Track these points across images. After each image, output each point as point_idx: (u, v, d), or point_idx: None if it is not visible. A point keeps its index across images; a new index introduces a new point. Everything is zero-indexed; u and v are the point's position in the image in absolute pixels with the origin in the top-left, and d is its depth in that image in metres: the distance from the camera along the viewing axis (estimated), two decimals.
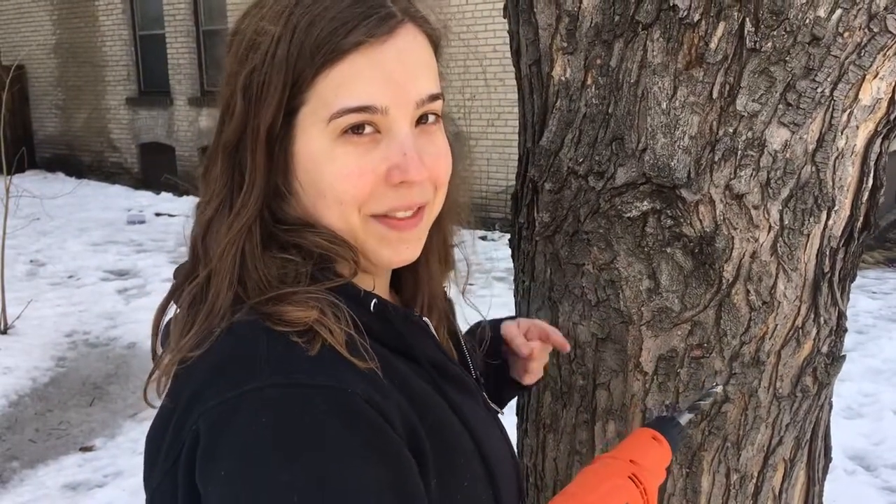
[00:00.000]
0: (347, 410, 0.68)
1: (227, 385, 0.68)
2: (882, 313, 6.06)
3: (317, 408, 0.66)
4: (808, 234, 1.18)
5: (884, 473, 3.81)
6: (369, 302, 0.79)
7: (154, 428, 0.75)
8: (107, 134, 13.12)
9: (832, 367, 1.26)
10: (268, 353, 0.70)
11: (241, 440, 0.65)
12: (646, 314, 1.23)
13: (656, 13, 1.14)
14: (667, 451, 0.97)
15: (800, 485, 1.35)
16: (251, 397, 0.67)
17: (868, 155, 1.20)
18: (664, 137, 1.16)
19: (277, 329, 0.72)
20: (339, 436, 0.66)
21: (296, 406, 0.66)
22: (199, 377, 0.71)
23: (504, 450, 0.92)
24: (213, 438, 0.66)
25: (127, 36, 12.56)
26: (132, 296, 6.57)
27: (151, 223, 9.74)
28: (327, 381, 0.69)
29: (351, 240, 0.81)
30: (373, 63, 0.76)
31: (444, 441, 0.77)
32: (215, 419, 0.67)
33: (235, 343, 0.72)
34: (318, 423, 0.66)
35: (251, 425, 0.65)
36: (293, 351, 0.71)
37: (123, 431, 4.31)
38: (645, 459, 0.92)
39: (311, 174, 0.78)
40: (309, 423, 0.65)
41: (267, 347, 0.71)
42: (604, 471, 0.89)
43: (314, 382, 0.68)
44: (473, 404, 0.89)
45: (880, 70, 1.14)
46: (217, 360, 0.72)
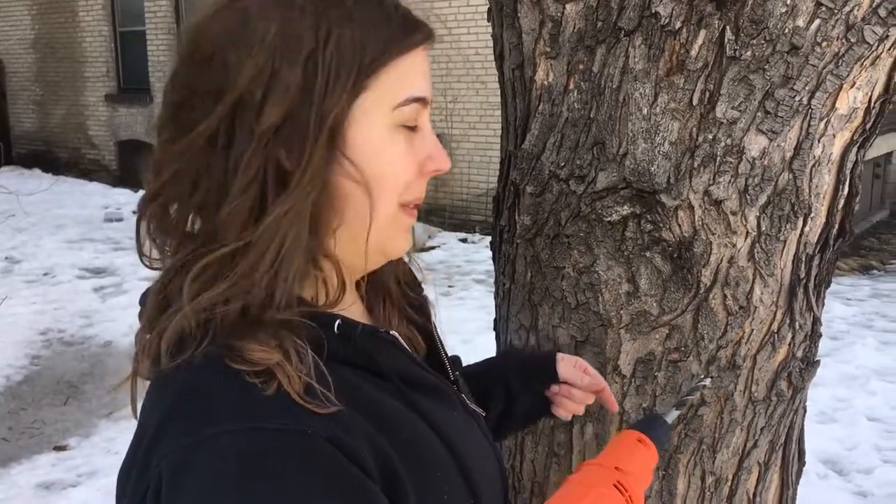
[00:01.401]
0: (308, 453, 0.66)
1: (185, 428, 0.67)
2: (856, 320, 6.14)
3: (276, 452, 0.65)
4: (784, 241, 1.19)
5: (856, 478, 3.86)
6: (333, 323, 0.78)
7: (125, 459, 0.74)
8: (85, 130, 13.01)
9: (807, 371, 1.28)
10: (225, 394, 0.69)
11: (200, 487, 0.64)
12: (624, 317, 1.24)
13: (638, 20, 1.16)
14: (653, 454, 0.96)
15: (774, 488, 1.36)
16: (209, 443, 0.66)
17: (844, 163, 1.22)
18: (645, 143, 1.18)
19: (234, 367, 0.70)
20: (299, 480, 0.65)
21: (255, 451, 0.65)
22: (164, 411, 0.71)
23: (485, 453, 0.91)
24: (174, 483, 0.66)
25: (107, 32, 12.46)
26: (108, 294, 6.51)
27: (129, 221, 9.66)
28: (287, 423, 0.67)
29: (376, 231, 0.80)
30: (424, 61, 0.82)
31: (418, 458, 0.77)
32: (175, 464, 0.66)
33: (195, 381, 0.71)
34: (278, 469, 0.64)
35: (210, 472, 0.64)
36: (251, 392, 0.69)
37: (98, 431, 4.28)
38: (630, 465, 0.91)
39: (369, 159, 0.78)
40: (269, 468, 0.64)
41: (225, 388, 0.69)
42: (588, 479, 0.88)
43: (273, 426, 0.67)
44: (449, 411, 0.88)
45: (857, 80, 1.16)
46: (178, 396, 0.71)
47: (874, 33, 1.12)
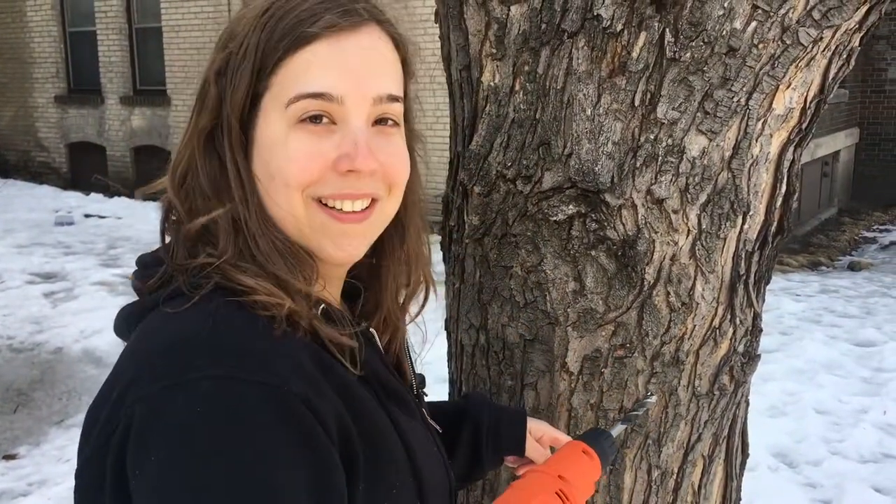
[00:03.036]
0: (280, 408, 0.69)
1: (165, 372, 0.69)
2: (805, 315, 6.28)
3: (249, 404, 0.67)
4: (724, 238, 1.22)
5: (805, 470, 3.95)
6: (318, 307, 0.81)
7: (97, 397, 0.76)
8: (34, 133, 12.73)
9: (748, 365, 1.31)
10: (219, 339, 0.71)
11: (171, 431, 0.66)
12: (571, 315, 1.26)
13: (581, 22, 1.18)
14: (596, 465, 0.98)
15: (718, 480, 1.39)
16: (188, 387, 0.67)
17: (781, 162, 1.26)
18: (589, 143, 1.20)
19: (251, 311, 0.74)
20: (267, 434, 0.67)
21: (229, 400, 0.67)
22: (145, 355, 0.73)
23: (439, 468, 0.93)
24: (146, 426, 0.67)
25: (56, 32, 12.21)
26: (59, 299, 6.38)
27: (80, 224, 9.49)
28: (265, 377, 0.69)
29: (295, 231, 0.82)
30: (333, 52, 0.80)
31: (376, 448, 0.78)
32: (150, 406, 0.68)
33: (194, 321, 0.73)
34: (250, 419, 0.67)
35: (183, 417, 0.66)
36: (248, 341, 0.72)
37: (49, 439, 4.19)
38: (574, 474, 0.93)
39: (266, 158, 0.81)
40: (241, 417, 0.67)
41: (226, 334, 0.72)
42: (531, 486, 0.90)
43: (251, 378, 0.69)
44: (410, 419, 0.90)
45: (793, 81, 1.20)
46: (165, 340, 0.73)
47: (808, 35, 1.15)
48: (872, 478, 3.85)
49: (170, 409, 0.67)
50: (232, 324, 0.73)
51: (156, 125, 11.41)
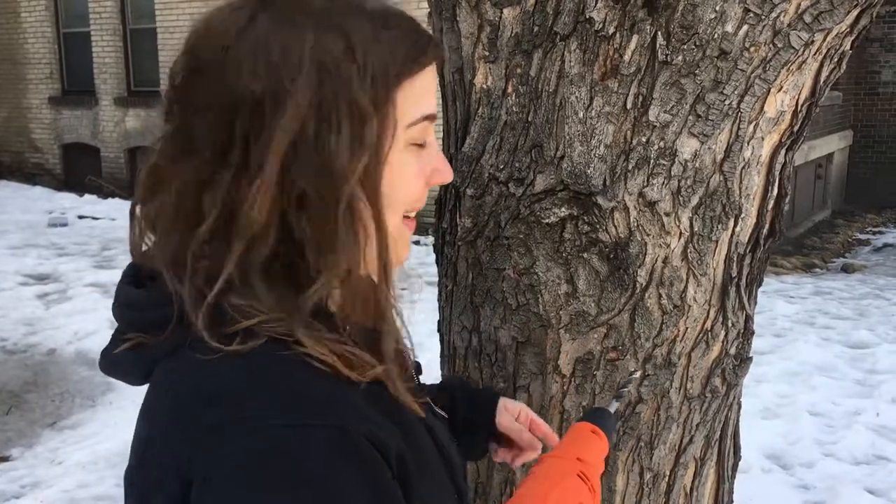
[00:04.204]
0: (347, 449, 0.68)
1: (225, 420, 0.67)
2: (799, 317, 6.29)
3: (315, 447, 0.67)
4: (716, 241, 1.23)
5: (799, 472, 3.95)
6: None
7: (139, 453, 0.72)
8: (28, 134, 12.69)
9: (740, 368, 1.31)
10: (277, 385, 0.69)
11: (236, 481, 0.65)
12: (564, 318, 1.26)
13: (573, 25, 1.18)
14: (605, 443, 1.00)
15: (710, 482, 1.40)
16: (251, 435, 0.66)
17: (773, 165, 1.26)
18: (581, 146, 1.20)
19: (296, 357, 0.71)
20: (336, 476, 0.66)
21: (295, 446, 0.66)
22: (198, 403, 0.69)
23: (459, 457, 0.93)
24: (209, 476, 0.66)
25: (50, 33, 12.18)
26: (52, 301, 6.36)
27: (74, 226, 9.46)
28: (332, 420, 0.69)
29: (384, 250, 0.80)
30: (433, 77, 0.82)
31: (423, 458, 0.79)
32: (212, 457, 0.66)
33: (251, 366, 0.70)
34: (316, 464, 0.66)
35: (249, 466, 0.65)
36: (303, 385, 0.70)
37: (41, 441, 4.18)
38: (589, 455, 0.95)
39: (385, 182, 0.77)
40: (307, 463, 0.66)
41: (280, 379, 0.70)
42: (554, 472, 0.90)
43: (319, 422, 0.68)
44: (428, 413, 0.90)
45: (784, 84, 1.20)
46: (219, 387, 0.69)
47: (800, 39, 1.16)
48: (865, 480, 3.85)
49: (234, 459, 0.66)
50: (286, 368, 0.71)
51: (150, 126, 11.38)
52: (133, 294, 0.80)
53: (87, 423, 4.35)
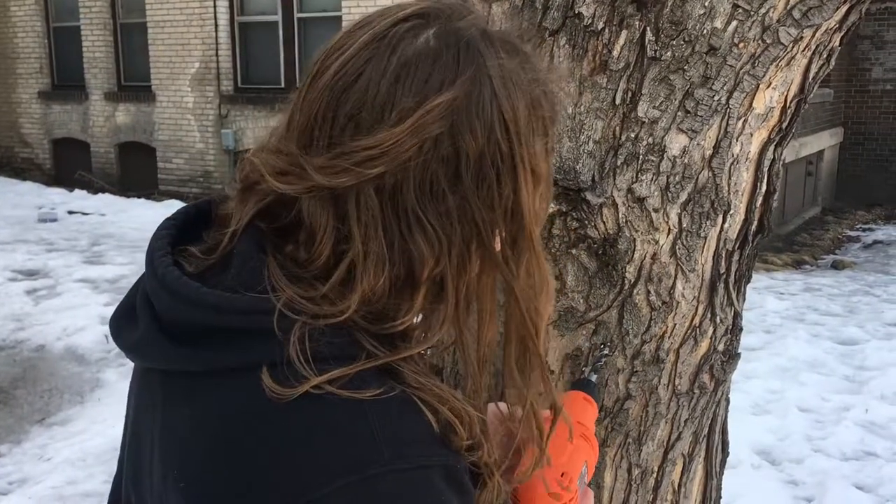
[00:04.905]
0: (458, 483, 0.69)
1: (344, 468, 0.64)
2: (789, 313, 6.32)
3: (437, 487, 0.67)
4: (704, 237, 1.22)
5: (788, 468, 3.97)
6: None
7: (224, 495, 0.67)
8: (17, 128, 12.63)
9: (728, 364, 1.31)
10: (388, 430, 0.67)
11: None
12: (552, 314, 1.26)
13: (562, 20, 1.17)
14: (595, 409, 1.08)
15: (698, 479, 1.40)
16: (372, 483, 0.64)
17: (762, 161, 1.26)
18: (570, 141, 1.19)
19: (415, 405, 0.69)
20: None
21: (420, 489, 0.67)
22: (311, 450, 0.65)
23: None
24: None
25: (40, 27, 12.12)
26: (42, 297, 6.33)
27: (64, 221, 9.42)
28: (440, 458, 0.69)
29: None
30: None
31: None
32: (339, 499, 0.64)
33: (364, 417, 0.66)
34: (438, 501, 0.67)
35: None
36: (414, 428, 0.69)
37: (30, 437, 4.16)
38: (586, 419, 1.03)
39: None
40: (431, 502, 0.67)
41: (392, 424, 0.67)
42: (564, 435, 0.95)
43: (431, 462, 0.68)
44: None
45: (773, 80, 1.20)
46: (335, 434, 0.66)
47: (789, 35, 1.16)
48: (854, 475, 3.88)
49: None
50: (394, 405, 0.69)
51: (140, 121, 11.34)
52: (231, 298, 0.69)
53: (76, 420, 4.34)
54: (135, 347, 0.76)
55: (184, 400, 0.72)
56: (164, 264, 0.74)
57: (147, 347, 0.74)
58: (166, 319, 0.72)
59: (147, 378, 0.79)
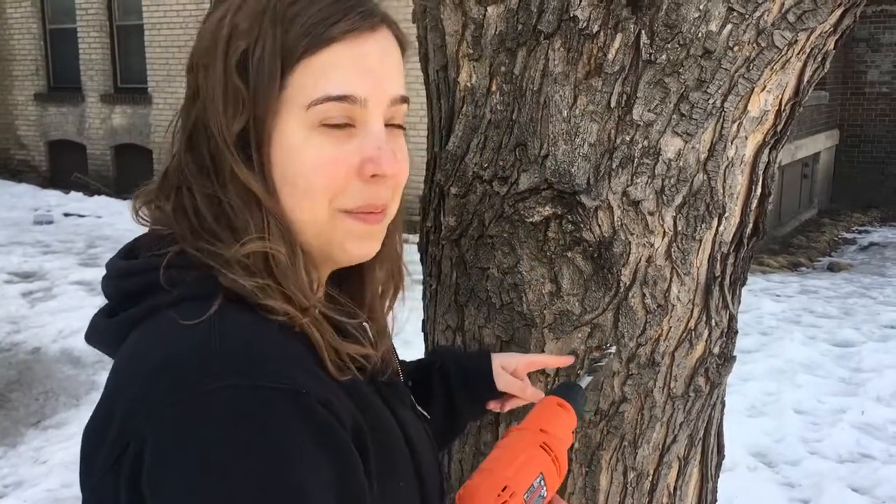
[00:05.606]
0: (303, 412, 0.68)
1: (179, 384, 0.67)
2: (785, 315, 6.32)
3: (271, 410, 0.67)
4: (700, 240, 1.23)
5: (784, 469, 3.97)
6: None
7: (94, 419, 0.72)
8: (13, 130, 12.60)
9: (723, 367, 1.31)
10: (233, 347, 0.70)
11: (193, 445, 0.64)
12: (548, 317, 1.26)
13: (557, 23, 1.17)
14: (572, 417, 1.01)
15: (694, 481, 1.40)
16: (206, 399, 0.66)
17: (757, 164, 1.26)
18: (565, 144, 1.19)
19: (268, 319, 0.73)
20: (292, 439, 0.67)
21: (251, 408, 0.66)
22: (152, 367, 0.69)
23: (431, 454, 0.93)
24: (164, 442, 0.65)
25: (36, 29, 12.09)
26: (37, 299, 6.32)
27: (60, 223, 9.40)
28: (284, 382, 0.68)
29: (315, 235, 0.81)
30: (355, 55, 0.78)
31: (384, 444, 0.79)
32: (166, 421, 0.65)
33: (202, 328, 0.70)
34: (272, 426, 0.66)
35: (205, 430, 0.65)
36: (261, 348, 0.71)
37: (25, 440, 4.15)
38: (553, 427, 0.97)
39: (284, 164, 0.78)
40: (263, 425, 0.66)
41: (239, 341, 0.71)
42: (517, 444, 0.92)
43: (270, 384, 0.68)
44: (405, 409, 0.91)
45: (768, 83, 1.20)
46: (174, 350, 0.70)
47: (783, 38, 1.16)
48: (850, 477, 3.88)
49: (190, 423, 0.65)
50: (243, 330, 0.72)
51: (137, 123, 11.33)
52: (122, 264, 0.81)
53: (72, 423, 4.32)
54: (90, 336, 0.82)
55: None
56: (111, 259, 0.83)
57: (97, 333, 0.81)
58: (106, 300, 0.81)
59: None
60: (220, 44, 0.77)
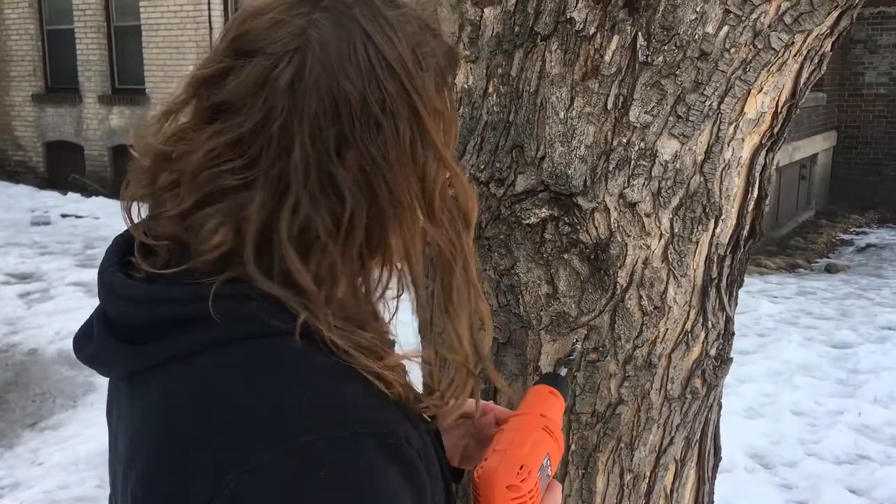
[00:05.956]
0: (396, 453, 0.68)
1: (275, 437, 0.64)
2: (782, 317, 6.32)
3: (371, 456, 0.66)
4: (696, 242, 1.22)
5: (782, 471, 3.97)
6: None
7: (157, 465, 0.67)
8: (11, 131, 12.59)
9: (720, 369, 1.31)
10: (322, 394, 0.67)
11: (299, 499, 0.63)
12: (544, 319, 1.25)
13: (554, 25, 1.17)
14: (562, 403, 1.06)
15: (690, 483, 1.40)
16: (307, 452, 0.63)
17: (753, 166, 1.26)
18: (562, 146, 1.19)
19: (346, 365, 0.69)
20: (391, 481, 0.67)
21: (352, 457, 0.65)
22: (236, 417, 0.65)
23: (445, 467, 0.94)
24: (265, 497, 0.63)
25: (33, 30, 12.08)
26: (34, 300, 6.31)
27: (57, 224, 9.38)
28: (376, 426, 0.67)
29: None
30: None
31: (434, 469, 0.79)
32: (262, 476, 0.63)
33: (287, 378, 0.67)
34: (373, 472, 0.66)
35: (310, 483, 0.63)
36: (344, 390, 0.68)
37: (22, 441, 4.14)
38: (550, 412, 1.01)
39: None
40: (364, 473, 0.65)
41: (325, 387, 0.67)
42: (523, 427, 0.96)
43: (366, 430, 0.67)
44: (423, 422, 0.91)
45: (764, 85, 1.20)
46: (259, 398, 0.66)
47: (780, 40, 1.16)
48: (848, 479, 3.88)
49: (292, 478, 0.63)
50: (325, 375, 0.68)
51: (134, 124, 11.32)
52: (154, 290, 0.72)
53: (68, 424, 4.32)
54: (93, 357, 0.77)
55: (137, 397, 0.73)
56: (111, 272, 0.75)
57: (103, 354, 0.75)
58: (117, 323, 0.74)
59: (118, 388, 0.80)
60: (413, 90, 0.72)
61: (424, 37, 0.74)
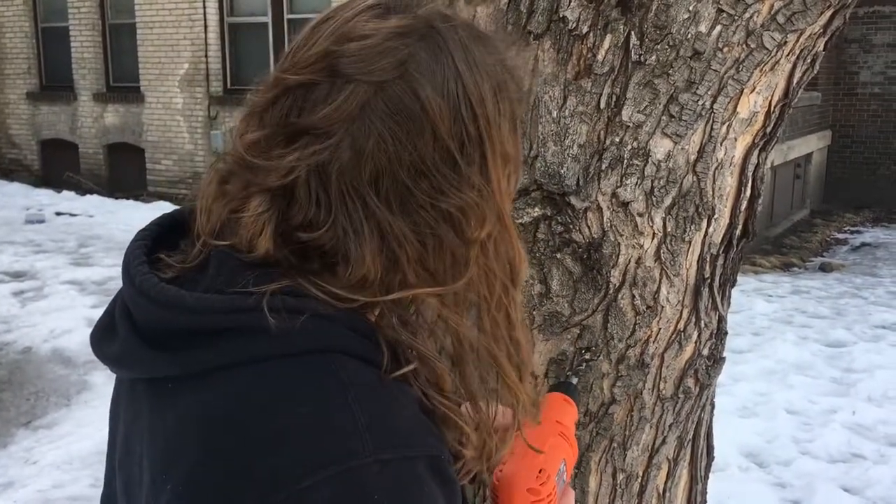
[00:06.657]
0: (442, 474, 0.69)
1: (329, 459, 0.63)
2: (777, 316, 6.33)
3: (421, 477, 0.66)
4: (689, 241, 1.22)
5: (776, 470, 3.98)
6: None
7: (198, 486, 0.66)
8: (5, 129, 12.56)
9: (713, 368, 1.31)
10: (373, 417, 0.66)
11: None
12: (537, 319, 1.25)
13: (547, 24, 1.17)
14: (575, 410, 1.09)
15: (683, 483, 1.40)
16: (360, 475, 0.63)
17: (746, 166, 1.26)
18: (554, 145, 1.19)
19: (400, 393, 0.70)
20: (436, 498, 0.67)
21: (403, 481, 0.65)
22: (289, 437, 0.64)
23: None
24: None
25: (28, 28, 12.04)
26: (28, 298, 6.29)
27: (51, 223, 9.36)
28: (423, 449, 0.68)
29: None
30: None
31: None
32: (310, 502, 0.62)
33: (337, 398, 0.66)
34: (423, 496, 0.66)
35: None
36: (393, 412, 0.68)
37: (16, 440, 4.13)
38: (565, 419, 1.04)
39: None
40: (414, 496, 0.65)
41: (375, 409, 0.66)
42: (541, 434, 0.97)
43: (415, 454, 0.67)
44: None
45: (757, 85, 1.20)
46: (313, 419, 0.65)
47: (773, 39, 1.16)
48: (842, 478, 3.89)
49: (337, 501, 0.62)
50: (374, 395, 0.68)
51: (129, 122, 11.29)
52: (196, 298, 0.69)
53: (62, 423, 4.31)
54: (117, 359, 0.75)
55: (168, 405, 0.71)
56: (140, 272, 0.73)
57: (129, 357, 0.73)
58: (146, 326, 0.71)
59: (134, 390, 0.78)
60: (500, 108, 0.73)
61: (504, 77, 0.74)
